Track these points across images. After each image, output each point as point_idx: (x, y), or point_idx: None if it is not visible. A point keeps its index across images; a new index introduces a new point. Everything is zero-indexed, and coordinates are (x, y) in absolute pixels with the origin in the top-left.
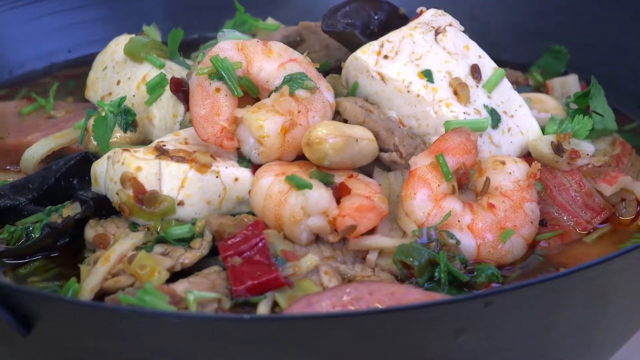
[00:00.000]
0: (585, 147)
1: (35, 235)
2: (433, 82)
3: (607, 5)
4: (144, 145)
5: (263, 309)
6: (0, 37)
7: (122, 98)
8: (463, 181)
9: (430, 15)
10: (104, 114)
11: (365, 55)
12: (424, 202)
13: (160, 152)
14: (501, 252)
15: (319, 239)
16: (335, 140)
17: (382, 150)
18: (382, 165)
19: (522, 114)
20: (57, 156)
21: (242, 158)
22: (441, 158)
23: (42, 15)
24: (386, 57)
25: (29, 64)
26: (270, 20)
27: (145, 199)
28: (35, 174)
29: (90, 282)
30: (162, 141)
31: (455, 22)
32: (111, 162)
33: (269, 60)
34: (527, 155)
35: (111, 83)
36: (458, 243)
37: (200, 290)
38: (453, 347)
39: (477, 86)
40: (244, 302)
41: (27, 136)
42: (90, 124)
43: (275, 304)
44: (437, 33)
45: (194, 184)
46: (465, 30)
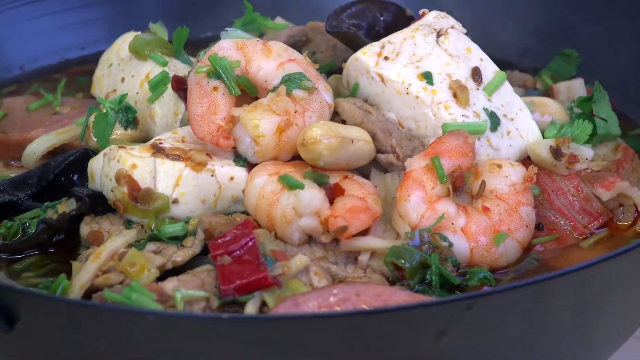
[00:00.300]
0: (585, 152)
1: (31, 231)
2: (433, 84)
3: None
4: (141, 143)
5: (251, 308)
6: (12, 32)
7: (123, 95)
8: (458, 184)
9: (433, 17)
10: (104, 110)
11: (365, 57)
12: (418, 204)
13: (156, 149)
14: (494, 256)
15: (311, 240)
16: (329, 141)
17: (379, 151)
18: (380, 167)
19: (522, 117)
20: (59, 152)
21: (238, 157)
22: (436, 160)
23: (56, 12)
24: (386, 58)
25: (42, 59)
26: (279, 20)
27: (139, 196)
28: (35, 170)
29: (80, 279)
30: (159, 139)
31: (458, 24)
32: (107, 159)
33: (268, 59)
34: (526, 158)
35: (116, 80)
36: (451, 245)
37: (189, 288)
38: (435, 349)
39: (477, 89)
40: (232, 301)
41: (30, 132)
42: (91, 120)
43: (264, 304)
44: (438, 35)
45: (188, 182)
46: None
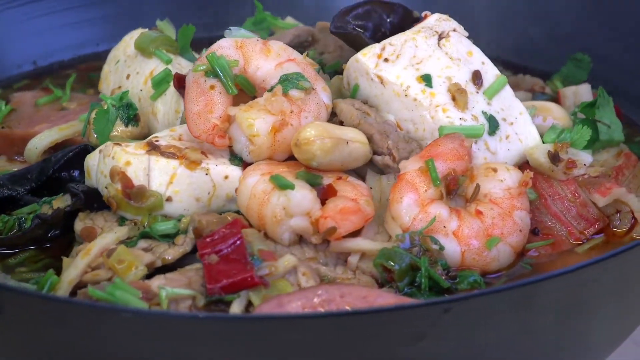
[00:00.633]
0: (583, 157)
1: (27, 226)
2: (431, 86)
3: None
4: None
5: (236, 308)
6: (26, 27)
7: (125, 92)
8: (452, 187)
9: (434, 20)
10: (106, 107)
11: (365, 58)
12: (410, 206)
13: (151, 147)
14: (486, 260)
15: (302, 240)
16: (323, 142)
17: (375, 153)
18: (376, 168)
19: (522, 121)
20: (62, 148)
21: (234, 156)
22: (430, 163)
23: (71, 8)
24: (386, 60)
25: (55, 55)
26: (289, 20)
27: (132, 193)
28: (35, 165)
29: (69, 275)
30: (156, 136)
31: (460, 27)
32: (102, 155)
33: (267, 59)
34: (525, 163)
35: (122, 77)
36: (442, 249)
37: (176, 286)
38: (414, 352)
39: (477, 92)
40: (218, 300)
41: (34, 127)
42: (92, 117)
43: (250, 303)
44: (440, 38)
45: (182, 180)
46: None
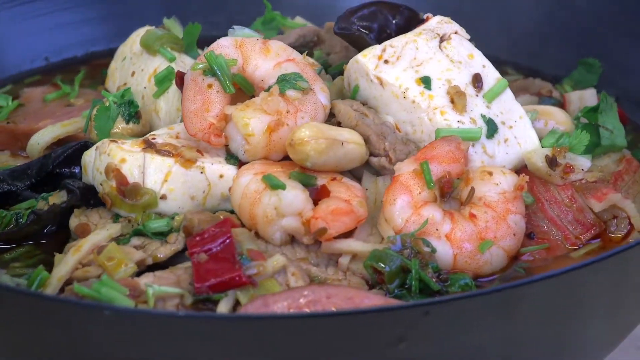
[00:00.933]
0: (581, 162)
1: (23, 222)
2: (430, 89)
3: None
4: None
5: (223, 307)
6: (38, 23)
7: (127, 89)
8: (446, 190)
9: (436, 22)
10: (108, 104)
11: (365, 59)
12: (404, 208)
13: (148, 145)
14: (479, 263)
15: (294, 240)
16: (317, 142)
17: (372, 154)
18: (373, 170)
19: (521, 125)
20: (64, 144)
21: (230, 155)
22: (425, 165)
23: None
24: (386, 61)
25: (68, 51)
26: (298, 19)
27: (127, 190)
28: (35, 161)
29: (59, 271)
30: (153, 134)
31: (462, 30)
32: (98, 152)
33: (266, 58)
34: (524, 167)
35: (127, 74)
36: (433, 251)
37: (165, 284)
38: (394, 354)
39: (476, 95)
40: (206, 299)
41: (38, 122)
42: (94, 113)
43: (238, 303)
44: (441, 40)
45: (177, 179)
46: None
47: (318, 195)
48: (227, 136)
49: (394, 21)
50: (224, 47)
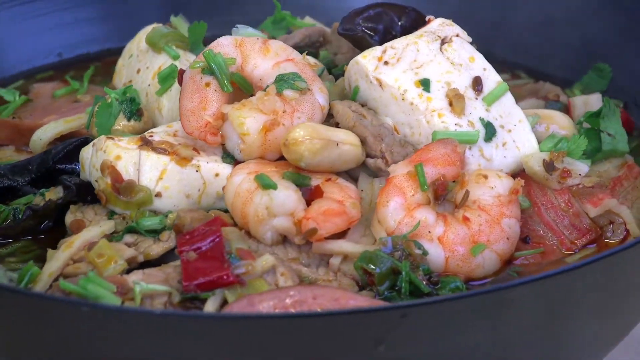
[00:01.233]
0: (579, 167)
1: (20, 217)
2: (429, 91)
3: None
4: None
5: (210, 306)
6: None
7: (129, 86)
8: (439, 192)
9: (438, 25)
10: (110, 100)
11: (365, 60)
12: (396, 210)
13: (144, 142)
14: (471, 266)
15: (286, 240)
16: (312, 143)
17: (368, 155)
18: (370, 171)
19: (521, 129)
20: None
21: (226, 154)
22: (419, 168)
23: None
24: (386, 63)
25: (81, 47)
26: (308, 19)
27: (121, 188)
28: (36, 156)
29: (50, 267)
30: (151, 132)
31: (463, 32)
32: (95, 149)
33: (265, 58)
34: (522, 171)
35: (133, 71)
36: (425, 254)
37: (153, 282)
38: (373, 356)
39: (476, 98)
40: (194, 297)
41: (43, 118)
42: (96, 110)
43: (226, 301)
44: (443, 43)
45: (173, 177)
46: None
47: (311, 195)
48: (224, 135)
49: (399, 23)
50: (224, 45)
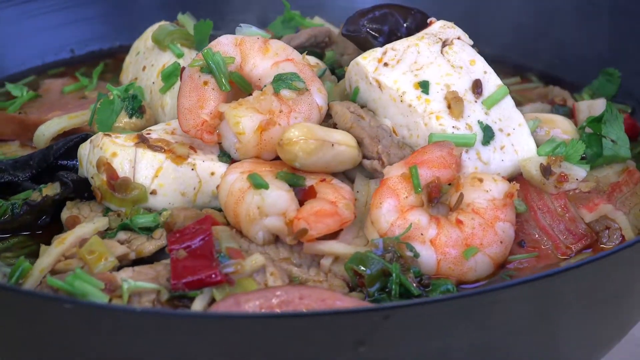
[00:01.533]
0: (576, 172)
1: (17, 212)
2: (428, 93)
3: None
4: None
5: (198, 304)
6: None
7: (131, 84)
8: (433, 195)
9: (439, 27)
10: (112, 97)
11: (365, 61)
12: (389, 212)
13: (141, 140)
14: (463, 269)
15: (278, 240)
16: (307, 143)
17: (365, 157)
18: (367, 173)
19: (520, 133)
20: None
21: (223, 153)
22: (414, 170)
23: None
24: (386, 64)
25: (93, 44)
26: (317, 20)
27: (117, 185)
28: (38, 152)
29: (41, 263)
30: (149, 129)
31: (464, 35)
32: (92, 145)
33: (264, 57)
34: (520, 175)
35: (139, 68)
36: (416, 256)
37: (143, 280)
38: (354, 357)
39: (475, 101)
40: (182, 295)
41: (48, 114)
42: (98, 106)
43: (214, 300)
44: (444, 45)
45: (168, 174)
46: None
47: (305, 196)
48: (221, 134)
49: (404, 24)
50: (223, 44)
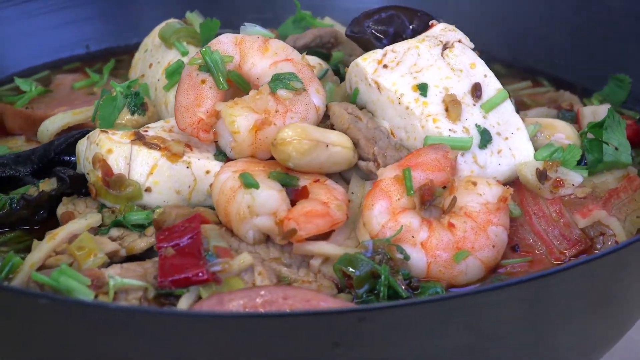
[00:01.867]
0: (572, 177)
1: (15, 206)
2: (426, 96)
3: None
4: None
5: (184, 302)
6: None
7: (134, 80)
8: (426, 198)
9: (440, 30)
10: (114, 94)
11: (365, 63)
12: (381, 213)
13: (137, 137)
14: (453, 272)
15: (269, 240)
16: (300, 143)
17: (361, 158)
18: (362, 174)
19: (518, 137)
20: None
21: (219, 152)
22: (407, 172)
23: None
24: (385, 66)
25: (109, 40)
26: (327, 20)
27: (111, 181)
28: (39, 147)
29: (32, 258)
30: (147, 127)
31: (465, 38)
32: (89, 142)
33: (263, 57)
34: (517, 179)
35: (146, 65)
36: (406, 258)
37: (131, 277)
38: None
39: (474, 105)
40: (168, 293)
41: (54, 109)
42: (100, 103)
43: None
44: (444, 48)
45: (163, 172)
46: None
47: (297, 196)
48: (217, 132)
49: (410, 26)
50: (223, 43)
